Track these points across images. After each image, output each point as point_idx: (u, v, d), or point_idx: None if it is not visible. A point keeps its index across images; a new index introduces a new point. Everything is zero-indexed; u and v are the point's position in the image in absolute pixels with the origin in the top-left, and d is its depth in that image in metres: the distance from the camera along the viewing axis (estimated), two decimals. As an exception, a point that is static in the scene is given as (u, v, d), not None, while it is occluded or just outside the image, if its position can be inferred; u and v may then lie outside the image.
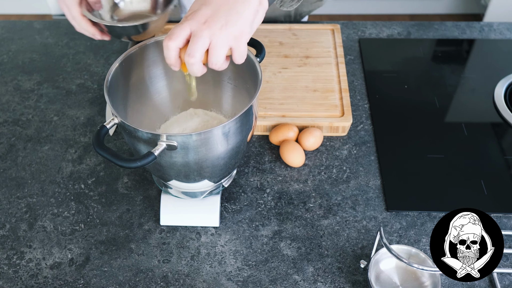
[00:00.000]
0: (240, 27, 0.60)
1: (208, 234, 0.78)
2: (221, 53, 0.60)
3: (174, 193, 0.78)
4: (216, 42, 0.59)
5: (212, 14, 0.60)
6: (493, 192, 0.82)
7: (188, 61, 0.60)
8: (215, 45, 0.59)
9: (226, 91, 0.81)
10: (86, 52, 1.09)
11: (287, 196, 0.83)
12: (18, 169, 0.88)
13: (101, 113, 0.97)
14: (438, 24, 1.14)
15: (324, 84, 0.96)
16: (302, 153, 0.85)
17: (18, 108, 0.98)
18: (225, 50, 0.60)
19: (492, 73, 1.02)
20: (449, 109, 0.95)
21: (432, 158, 0.87)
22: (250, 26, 0.62)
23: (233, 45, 0.61)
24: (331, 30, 1.07)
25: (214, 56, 0.60)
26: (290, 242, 0.77)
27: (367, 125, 0.93)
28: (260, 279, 0.73)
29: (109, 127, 0.64)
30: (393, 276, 0.70)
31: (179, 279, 0.73)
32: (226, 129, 0.65)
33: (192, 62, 0.60)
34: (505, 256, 0.75)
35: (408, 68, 1.04)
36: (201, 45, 0.59)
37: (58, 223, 0.80)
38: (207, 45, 0.59)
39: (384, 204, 0.81)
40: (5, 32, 1.15)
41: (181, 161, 0.66)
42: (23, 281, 0.73)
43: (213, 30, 0.59)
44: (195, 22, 0.60)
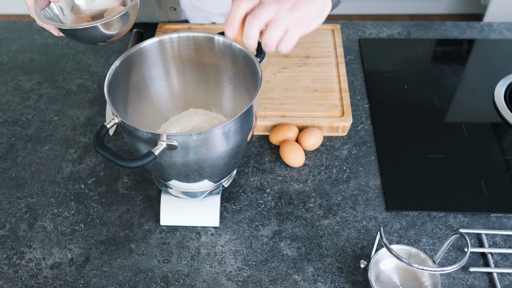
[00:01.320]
0: (303, 15, 0.63)
1: (208, 234, 0.78)
2: (278, 30, 0.62)
3: (174, 193, 0.78)
4: (279, 18, 0.61)
5: None
6: (493, 192, 0.82)
7: (251, 22, 0.61)
8: (277, 20, 0.61)
9: (226, 91, 0.81)
10: (86, 52, 1.09)
11: (287, 196, 0.83)
12: (18, 169, 0.88)
13: (101, 113, 0.97)
14: (438, 24, 1.14)
15: (324, 84, 0.96)
16: (302, 153, 0.85)
17: (18, 108, 0.98)
18: (283, 30, 0.62)
19: (492, 73, 1.02)
20: (449, 109, 0.95)
21: (432, 158, 0.87)
22: (311, 20, 0.64)
23: (290, 29, 0.62)
24: (331, 30, 1.07)
25: (272, 30, 0.62)
26: (290, 242, 0.77)
27: (367, 125, 0.93)
28: (260, 279, 0.73)
29: (109, 126, 0.64)
30: (393, 276, 0.70)
31: (179, 279, 0.73)
32: (227, 129, 0.65)
33: (255, 24, 0.61)
34: (505, 256, 0.75)
35: (408, 68, 1.04)
36: (267, 13, 0.61)
37: (58, 223, 0.80)
38: (270, 18, 0.61)
39: (384, 204, 0.81)
40: (5, 32, 1.15)
41: (181, 161, 0.66)
42: (23, 281, 0.73)
43: (280, 7, 0.61)
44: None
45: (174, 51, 0.77)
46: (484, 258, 0.75)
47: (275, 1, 0.62)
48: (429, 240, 0.77)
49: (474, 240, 0.77)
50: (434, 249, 0.76)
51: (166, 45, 0.76)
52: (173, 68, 0.79)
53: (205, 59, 0.78)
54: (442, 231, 0.78)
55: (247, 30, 0.62)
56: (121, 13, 0.73)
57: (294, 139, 0.87)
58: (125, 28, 0.77)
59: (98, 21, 0.72)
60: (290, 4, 0.62)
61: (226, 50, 0.75)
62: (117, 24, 0.75)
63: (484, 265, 0.74)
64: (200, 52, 0.77)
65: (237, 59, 0.74)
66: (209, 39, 0.75)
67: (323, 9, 0.65)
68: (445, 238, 0.77)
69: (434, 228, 0.78)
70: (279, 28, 0.62)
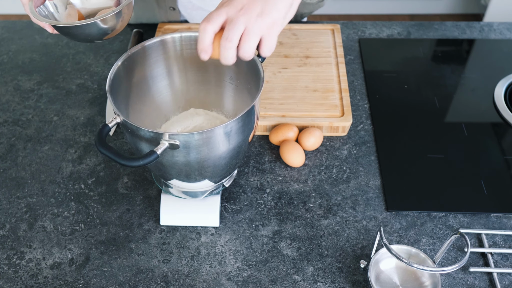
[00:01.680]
0: (274, 17, 0.62)
1: (208, 234, 0.78)
2: (253, 41, 0.61)
3: (175, 193, 0.78)
4: (250, 29, 0.60)
5: (249, 1, 0.61)
6: (493, 192, 0.82)
7: (225, 45, 0.61)
8: (249, 32, 0.60)
9: (228, 91, 0.81)
10: (86, 52, 1.09)
11: (287, 196, 0.83)
12: (18, 169, 0.88)
13: (101, 113, 0.97)
14: (438, 24, 1.14)
15: (324, 84, 0.96)
16: (302, 153, 0.85)
17: (18, 108, 0.98)
18: (258, 38, 0.61)
19: (492, 73, 1.02)
20: (449, 109, 0.96)
21: (432, 158, 0.87)
22: (284, 18, 0.63)
23: (265, 35, 0.62)
24: (331, 30, 1.07)
25: (247, 43, 0.61)
26: (290, 242, 0.77)
27: (367, 125, 0.93)
28: (260, 279, 0.73)
29: (111, 126, 0.64)
30: (393, 276, 0.70)
31: (179, 279, 0.73)
32: (228, 129, 0.65)
33: (229, 46, 0.61)
34: (505, 256, 0.75)
35: (408, 68, 1.04)
36: (238, 30, 0.60)
37: (58, 223, 0.80)
38: (242, 31, 0.60)
39: (384, 204, 0.81)
40: (5, 32, 1.15)
41: (182, 160, 0.66)
42: (23, 281, 0.73)
43: (249, 16, 0.60)
44: (232, 8, 0.61)
45: (176, 51, 0.77)
46: (484, 258, 0.75)
47: (242, 13, 0.60)
48: (429, 240, 0.77)
49: (474, 240, 0.77)
50: (434, 249, 0.76)
51: (168, 44, 0.76)
52: (174, 68, 0.79)
53: (205, 59, 0.78)
54: (442, 231, 0.78)
55: (223, 54, 0.62)
56: (115, 11, 0.73)
57: (294, 139, 0.88)
58: (119, 26, 0.77)
59: (93, 19, 0.72)
60: (258, 9, 0.61)
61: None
62: (111, 22, 0.75)
63: (484, 265, 0.74)
64: None
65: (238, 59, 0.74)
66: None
67: (292, 1, 0.64)
68: (445, 238, 0.77)
69: (434, 228, 0.78)
70: (253, 38, 0.61)
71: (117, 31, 0.78)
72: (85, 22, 0.72)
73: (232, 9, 0.61)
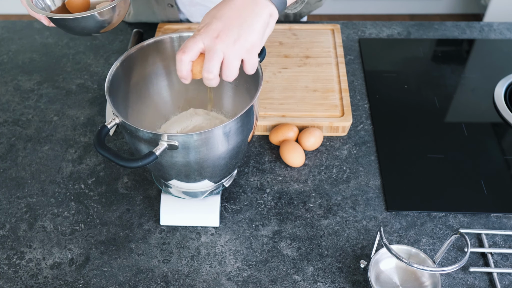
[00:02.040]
0: (252, 40, 0.62)
1: (208, 234, 0.78)
2: (235, 66, 0.62)
3: (175, 193, 0.78)
4: (229, 56, 0.61)
5: (224, 28, 0.61)
6: (493, 192, 0.82)
7: (207, 77, 0.62)
8: (229, 59, 0.61)
9: (227, 91, 0.81)
10: (86, 52, 1.09)
11: (287, 196, 0.83)
12: (18, 169, 0.88)
13: (101, 113, 0.97)
14: (438, 24, 1.14)
15: (324, 84, 0.96)
16: (302, 153, 0.85)
17: (18, 108, 0.98)
18: (238, 62, 0.62)
19: (492, 73, 1.02)
20: (449, 109, 0.96)
21: (432, 158, 0.87)
22: (261, 39, 0.63)
23: (245, 58, 0.62)
24: (331, 30, 1.07)
25: (229, 70, 0.62)
26: (290, 242, 0.77)
27: (367, 125, 0.93)
28: (260, 279, 0.73)
29: (110, 127, 0.64)
30: (393, 276, 0.70)
31: (179, 279, 0.73)
32: (227, 129, 0.65)
33: (211, 78, 0.62)
34: (505, 256, 0.75)
35: (408, 68, 1.04)
36: (217, 61, 0.61)
37: (58, 223, 0.80)
38: (222, 58, 0.61)
39: (384, 204, 0.81)
40: (5, 32, 1.15)
41: (182, 161, 0.66)
42: (23, 281, 0.73)
43: (226, 44, 0.60)
44: (208, 37, 0.61)
45: (175, 51, 0.77)
46: (484, 258, 0.75)
47: (219, 41, 0.60)
48: (429, 240, 0.77)
49: (474, 240, 0.77)
50: (434, 249, 0.76)
51: (167, 45, 0.76)
52: (173, 68, 0.79)
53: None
54: (442, 231, 0.78)
55: (206, 83, 0.63)
56: (112, 5, 0.74)
57: (294, 139, 0.87)
58: (116, 20, 0.77)
59: (89, 12, 0.73)
60: (235, 35, 0.60)
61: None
62: (107, 15, 0.75)
63: (484, 265, 0.74)
64: None
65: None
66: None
67: (269, 20, 0.64)
68: (445, 238, 0.77)
69: (434, 228, 0.78)
70: (234, 64, 0.61)
71: (113, 25, 0.78)
72: (81, 15, 0.73)
73: (207, 38, 0.61)
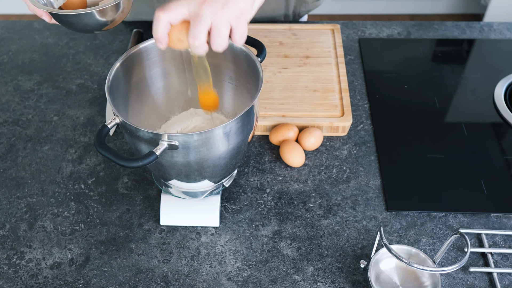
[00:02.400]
0: (241, 6, 0.59)
1: (208, 234, 0.78)
2: (224, 33, 0.59)
3: (175, 193, 0.78)
4: (218, 22, 0.58)
5: None
6: (493, 192, 0.82)
7: (193, 44, 0.59)
8: (217, 25, 0.58)
9: (227, 91, 0.81)
10: (86, 52, 1.09)
11: (287, 196, 0.83)
12: (18, 169, 0.88)
13: (101, 113, 0.97)
14: (438, 24, 1.14)
15: (324, 84, 0.96)
16: (302, 153, 0.85)
17: (18, 108, 0.98)
18: (227, 29, 0.59)
19: (492, 73, 1.02)
20: (449, 109, 0.96)
21: (432, 158, 0.87)
22: (251, 6, 0.60)
23: (234, 25, 0.59)
24: (331, 30, 1.07)
25: (218, 37, 0.59)
26: (290, 242, 0.77)
27: (367, 125, 0.93)
28: (260, 279, 0.73)
29: (110, 127, 0.64)
30: (393, 276, 0.70)
31: (179, 279, 0.73)
32: (227, 129, 0.65)
33: (197, 45, 0.59)
34: (505, 256, 0.75)
35: (408, 68, 1.04)
36: (204, 26, 0.58)
37: (58, 223, 0.80)
38: (209, 25, 0.58)
39: (384, 204, 0.81)
40: (5, 32, 1.15)
41: (182, 161, 0.66)
42: (23, 281, 0.73)
43: (214, 9, 0.57)
44: (194, 1, 0.58)
45: (175, 51, 0.77)
46: (484, 258, 0.75)
47: (206, 5, 0.57)
48: (429, 240, 0.77)
49: (474, 240, 0.77)
50: (434, 249, 0.76)
51: (167, 45, 0.76)
52: (174, 68, 0.79)
53: (205, 59, 0.78)
54: (442, 231, 0.78)
55: (194, 51, 0.60)
56: (115, 2, 0.72)
57: (294, 139, 0.87)
58: (119, 17, 0.76)
59: (91, 8, 0.71)
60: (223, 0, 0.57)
61: (227, 50, 0.74)
62: (110, 13, 0.73)
63: (484, 265, 0.74)
64: None
65: (238, 59, 0.74)
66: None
67: None
68: (445, 238, 0.77)
69: (434, 228, 0.78)
70: (223, 31, 0.58)
71: (116, 23, 0.76)
72: (83, 12, 0.71)
73: (193, 3, 0.58)
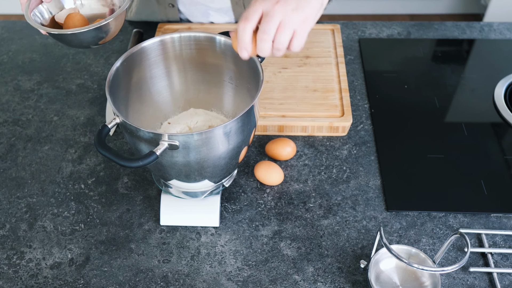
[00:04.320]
0: (308, 13, 0.63)
1: (208, 234, 0.78)
2: (288, 33, 0.62)
3: (175, 193, 0.78)
4: (286, 22, 0.61)
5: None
6: (493, 192, 0.82)
7: (262, 38, 0.62)
8: (285, 25, 0.61)
9: (227, 91, 0.81)
10: (86, 52, 1.09)
11: (287, 196, 0.83)
12: (18, 169, 0.88)
13: (101, 113, 0.97)
14: (438, 24, 1.14)
15: (324, 84, 0.96)
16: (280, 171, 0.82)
17: (18, 108, 0.98)
18: (291, 32, 0.62)
19: (492, 73, 1.02)
20: (449, 109, 0.96)
21: (432, 158, 0.87)
22: (315, 15, 0.64)
23: (298, 29, 0.62)
24: (331, 30, 1.07)
25: (282, 35, 0.62)
26: (290, 242, 0.77)
27: (367, 125, 0.93)
28: (260, 279, 0.73)
29: (110, 126, 0.64)
30: (393, 276, 0.70)
31: (179, 279, 0.73)
32: (228, 129, 0.65)
33: (266, 39, 0.62)
34: (505, 256, 0.75)
35: (408, 68, 1.04)
36: (275, 23, 0.61)
37: (58, 223, 0.80)
38: (278, 23, 0.61)
39: (384, 204, 0.81)
40: (5, 32, 1.15)
41: (182, 161, 0.66)
42: (23, 281, 0.73)
43: (285, 10, 0.61)
44: (268, 3, 0.62)
45: (175, 51, 0.77)
46: (484, 258, 0.75)
47: (279, 6, 0.61)
48: (429, 240, 0.77)
49: (474, 240, 0.77)
50: (434, 249, 0.76)
51: (168, 45, 0.76)
52: (174, 68, 0.79)
53: (206, 59, 0.78)
54: (442, 231, 0.78)
55: (260, 46, 0.63)
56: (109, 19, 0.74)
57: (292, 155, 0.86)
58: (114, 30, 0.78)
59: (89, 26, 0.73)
60: (294, 4, 0.62)
61: (227, 50, 0.75)
62: (105, 29, 0.75)
63: (484, 265, 0.74)
64: (201, 52, 0.77)
65: (238, 59, 0.74)
66: (210, 39, 0.75)
67: (322, 1, 0.66)
68: (445, 238, 0.77)
69: (434, 228, 0.78)
70: (287, 31, 0.62)
71: (111, 36, 0.78)
72: (79, 31, 0.73)
73: (267, 3, 0.62)
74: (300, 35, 0.63)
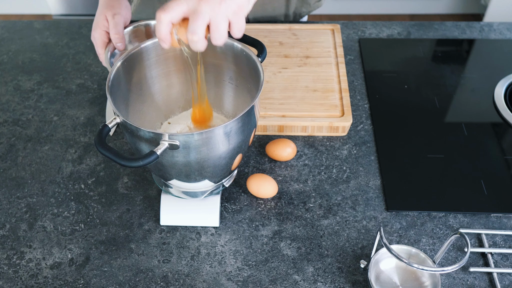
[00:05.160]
0: (239, 1, 0.60)
1: (208, 234, 0.78)
2: (223, 28, 0.60)
3: (175, 193, 0.78)
4: (216, 17, 0.59)
5: None
6: (493, 192, 0.82)
7: (192, 39, 0.60)
8: (216, 21, 0.59)
9: (228, 91, 0.81)
10: (86, 52, 1.09)
11: (287, 196, 0.83)
12: (18, 169, 0.88)
13: (101, 113, 0.97)
14: (438, 24, 1.14)
15: (324, 84, 0.96)
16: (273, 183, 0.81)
17: (18, 108, 0.98)
18: (226, 24, 0.60)
19: (492, 73, 1.02)
20: (449, 109, 0.96)
21: (432, 158, 0.87)
22: (248, 1, 0.62)
23: (232, 20, 0.60)
24: (331, 30, 1.07)
25: (217, 32, 0.60)
26: (290, 242, 0.77)
27: (367, 125, 0.93)
28: (260, 279, 0.73)
29: (111, 126, 0.64)
30: (393, 276, 0.70)
31: (179, 279, 0.73)
32: (228, 129, 0.65)
33: (196, 40, 0.60)
34: (505, 256, 0.75)
35: (408, 68, 1.04)
36: (202, 22, 0.59)
37: (58, 223, 0.80)
38: (208, 21, 0.59)
39: (384, 204, 0.81)
40: (5, 32, 1.15)
41: (182, 161, 0.66)
42: (23, 281, 0.73)
43: (212, 5, 0.58)
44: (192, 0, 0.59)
45: (175, 50, 0.77)
46: (484, 258, 0.75)
47: (204, 2, 0.58)
48: (429, 240, 0.77)
49: (474, 240, 0.77)
50: (434, 249, 0.76)
51: (167, 45, 0.76)
52: (174, 68, 0.79)
53: (206, 59, 0.78)
54: (442, 231, 0.78)
55: (192, 46, 0.61)
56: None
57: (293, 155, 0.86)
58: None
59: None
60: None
61: (228, 50, 0.75)
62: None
63: (484, 265, 0.74)
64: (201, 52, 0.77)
65: (238, 59, 0.74)
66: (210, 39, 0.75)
67: None
68: (445, 238, 0.77)
69: (434, 228, 0.78)
70: (222, 26, 0.59)
71: None
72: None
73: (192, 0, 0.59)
74: (237, 24, 0.61)
